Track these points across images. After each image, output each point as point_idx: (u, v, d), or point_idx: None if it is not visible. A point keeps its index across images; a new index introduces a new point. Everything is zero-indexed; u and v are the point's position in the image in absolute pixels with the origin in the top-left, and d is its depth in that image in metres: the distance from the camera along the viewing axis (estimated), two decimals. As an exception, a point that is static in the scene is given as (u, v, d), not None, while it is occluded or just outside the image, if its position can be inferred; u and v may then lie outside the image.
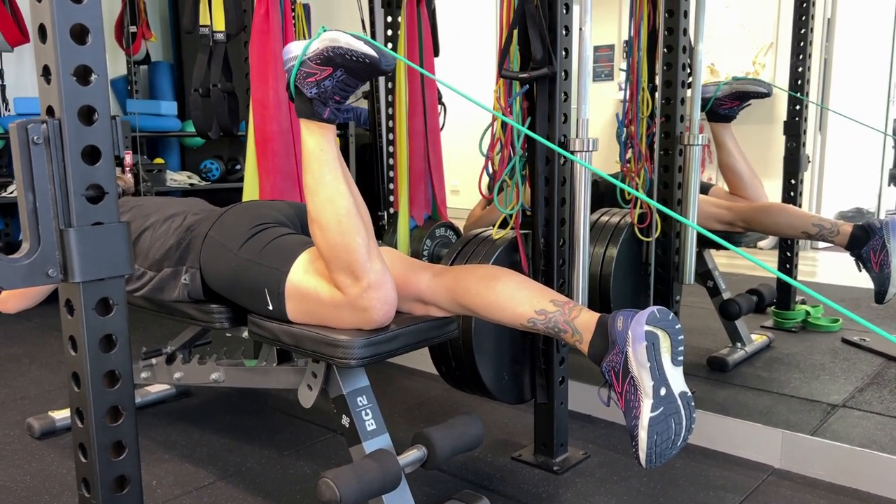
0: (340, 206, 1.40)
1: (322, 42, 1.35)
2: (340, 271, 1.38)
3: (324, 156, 1.41)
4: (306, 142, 1.43)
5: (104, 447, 1.05)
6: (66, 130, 0.97)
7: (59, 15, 0.95)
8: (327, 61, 1.34)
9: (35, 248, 0.97)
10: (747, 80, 2.70)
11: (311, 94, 1.37)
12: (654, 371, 1.22)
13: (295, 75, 1.38)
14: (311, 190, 1.43)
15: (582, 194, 1.82)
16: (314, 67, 1.36)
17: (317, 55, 1.35)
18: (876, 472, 1.78)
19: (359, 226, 1.40)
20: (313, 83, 1.36)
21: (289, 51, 1.41)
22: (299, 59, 1.37)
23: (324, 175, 1.41)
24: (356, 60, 1.32)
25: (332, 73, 1.35)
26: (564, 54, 1.79)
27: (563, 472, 1.89)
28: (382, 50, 1.33)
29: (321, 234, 1.41)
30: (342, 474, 1.35)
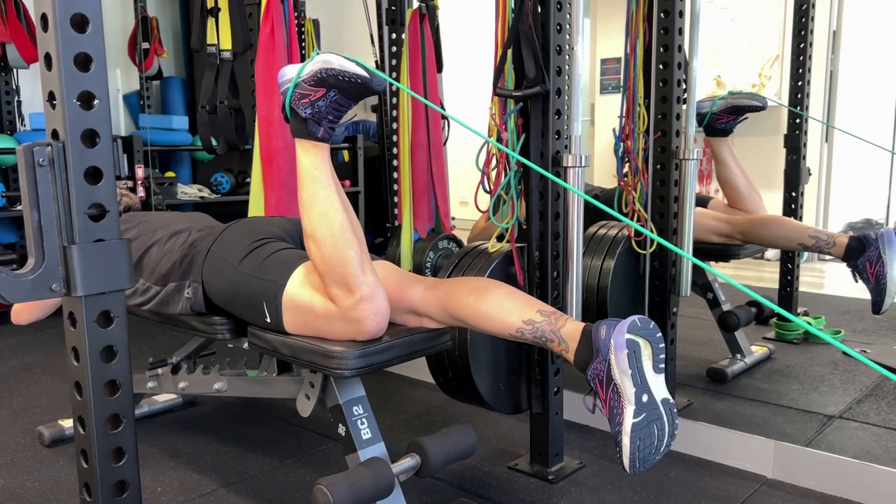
0: (335, 220, 1.45)
1: (315, 64, 1.41)
2: (334, 284, 1.43)
3: (318, 173, 1.47)
4: (301, 160, 1.49)
5: (105, 453, 1.10)
6: (69, 153, 1.02)
7: (63, 44, 1.01)
8: (320, 82, 1.40)
9: (40, 264, 1.02)
10: (742, 95, 2.73)
11: (305, 114, 1.43)
12: (636, 378, 1.26)
13: (290, 97, 1.43)
14: (306, 206, 1.48)
15: (575, 209, 1.86)
16: (308, 89, 1.41)
17: (311, 77, 1.41)
18: (868, 482, 1.80)
19: (352, 240, 1.45)
20: (308, 104, 1.42)
21: (284, 74, 1.47)
22: (294, 82, 1.43)
23: (318, 192, 1.46)
24: (348, 81, 1.38)
25: (325, 94, 1.41)
26: (557, 72, 1.84)
27: (557, 482, 1.92)
28: (373, 71, 1.39)
29: (316, 248, 1.46)
30: (336, 482, 1.40)
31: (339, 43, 5.66)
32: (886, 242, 2.41)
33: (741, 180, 2.83)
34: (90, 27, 1.04)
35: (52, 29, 1.01)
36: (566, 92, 1.87)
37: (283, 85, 1.46)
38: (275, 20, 2.41)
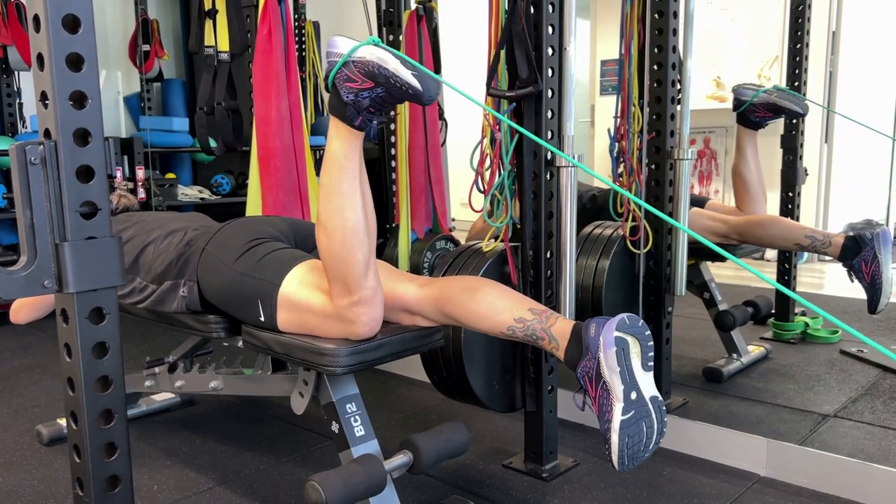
0: (349, 219, 1.40)
1: (370, 55, 1.33)
2: (336, 280, 1.44)
3: (347, 163, 1.40)
4: (332, 144, 1.40)
5: (97, 448, 1.11)
6: (61, 151, 1.04)
7: (55, 44, 1.03)
8: (370, 76, 1.32)
9: (32, 261, 1.04)
10: (787, 95, 2.66)
11: (346, 98, 1.35)
12: (625, 376, 1.27)
13: (335, 73, 1.36)
14: (325, 192, 1.42)
15: (568, 208, 1.87)
16: (356, 75, 1.33)
17: (362, 64, 1.33)
18: (859, 480, 1.81)
19: (362, 242, 1.41)
20: (352, 89, 1.34)
21: (335, 44, 1.37)
22: (343, 59, 1.35)
23: (342, 183, 1.40)
24: (398, 87, 1.31)
25: (371, 88, 1.33)
26: (550, 73, 1.85)
27: (551, 479, 1.93)
28: (428, 82, 1.31)
29: (325, 241, 1.42)
30: (328, 478, 1.41)
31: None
32: (882, 242, 2.42)
33: (755, 178, 2.82)
34: (82, 28, 1.05)
35: (44, 29, 1.02)
36: (559, 92, 1.88)
37: (330, 55, 1.37)
38: (272, 22, 2.43)
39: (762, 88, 2.69)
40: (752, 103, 2.69)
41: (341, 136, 1.39)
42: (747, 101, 2.70)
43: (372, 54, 1.33)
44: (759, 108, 2.70)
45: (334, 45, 1.38)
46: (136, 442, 2.20)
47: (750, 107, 2.70)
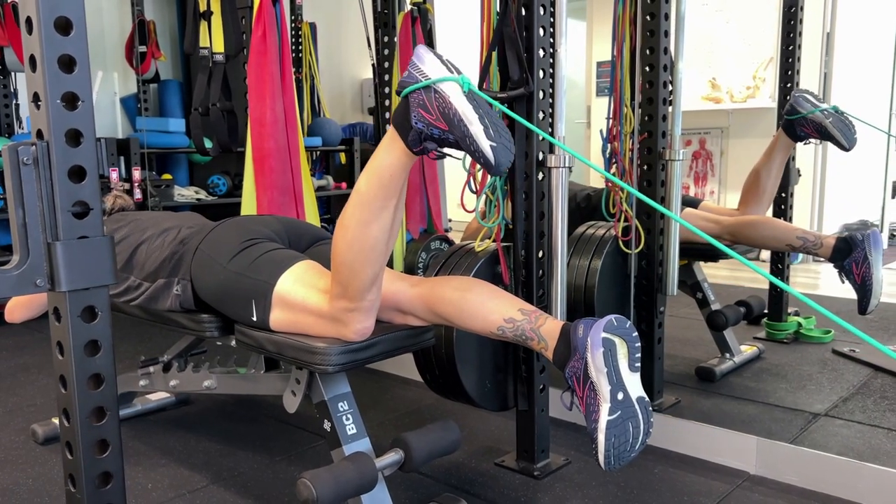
0: (371, 235, 1.37)
1: (457, 102, 1.25)
2: (338, 282, 1.44)
3: (390, 181, 1.34)
4: (382, 155, 1.35)
5: (89, 445, 1.13)
6: (53, 152, 1.05)
7: (47, 46, 1.04)
8: (447, 121, 1.25)
9: (24, 260, 1.05)
10: (840, 124, 2.56)
11: (415, 124, 1.29)
12: (612, 376, 1.29)
13: (413, 89, 1.29)
14: (358, 199, 1.37)
15: (559, 209, 1.89)
16: (433, 109, 1.26)
17: (444, 104, 1.25)
18: (847, 478, 1.83)
19: (376, 260, 1.39)
20: (424, 119, 1.28)
21: (421, 59, 1.30)
22: (426, 83, 1.27)
23: (378, 198, 1.35)
24: (471, 149, 1.25)
25: (443, 132, 1.27)
26: (542, 75, 1.87)
27: (543, 478, 1.95)
28: (502, 157, 1.25)
29: (342, 245, 1.39)
30: (320, 475, 1.43)
31: (336, 46, 5.70)
32: (872, 244, 2.43)
33: (770, 186, 2.82)
34: (74, 30, 1.06)
35: (37, 31, 1.04)
36: (550, 93, 1.89)
37: (414, 67, 1.30)
38: (266, 24, 2.45)
39: (821, 107, 2.59)
40: (805, 116, 2.60)
41: (394, 152, 1.34)
42: (801, 113, 2.60)
43: (458, 102, 1.25)
44: (808, 124, 2.61)
45: (421, 59, 1.31)
46: (131, 441, 2.21)
47: (800, 119, 2.62)
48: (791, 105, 2.67)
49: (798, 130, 2.67)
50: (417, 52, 1.32)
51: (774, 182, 2.84)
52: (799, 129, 2.66)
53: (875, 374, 2.69)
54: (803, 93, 2.67)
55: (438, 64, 1.30)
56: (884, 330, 3.30)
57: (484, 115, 1.25)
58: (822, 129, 2.60)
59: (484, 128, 1.24)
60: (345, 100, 5.90)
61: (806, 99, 2.63)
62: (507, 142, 1.26)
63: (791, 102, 2.67)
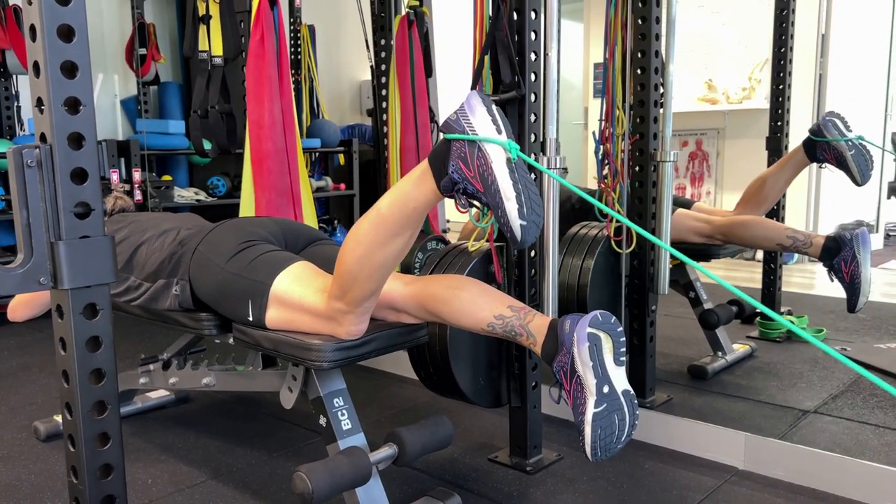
0: (381, 256, 1.39)
1: (499, 172, 1.24)
2: (339, 285, 1.46)
3: (412, 212, 1.36)
4: (410, 186, 1.35)
5: (91, 438, 1.17)
6: (56, 155, 1.09)
7: (50, 53, 1.08)
8: (484, 185, 1.25)
9: (28, 259, 1.09)
10: (862, 159, 2.61)
11: (451, 171, 1.28)
12: (597, 370, 1.33)
13: (458, 137, 1.27)
14: (378, 219, 1.38)
15: (551, 209, 1.93)
16: (473, 167, 1.25)
17: (485, 168, 1.25)
18: (832, 473, 1.87)
19: (381, 278, 1.43)
20: (461, 172, 1.27)
21: (472, 107, 1.28)
22: (472, 138, 1.26)
23: (397, 223, 1.37)
24: (500, 219, 1.26)
25: (478, 191, 1.27)
26: (534, 78, 1.91)
27: (535, 473, 1.99)
28: (529, 236, 1.26)
29: (351, 255, 1.41)
30: (315, 469, 1.46)
31: (335, 48, 5.74)
32: (861, 243, 2.47)
33: (773, 195, 2.86)
34: (76, 37, 1.10)
35: (40, 39, 1.08)
36: (542, 96, 1.93)
37: (463, 115, 1.28)
38: (264, 27, 2.48)
39: (848, 136, 2.61)
40: (828, 142, 2.62)
41: (423, 187, 1.33)
42: (826, 138, 2.62)
43: (499, 171, 1.23)
44: (829, 151, 2.64)
45: (472, 109, 1.29)
46: (132, 437, 2.25)
47: (824, 143, 2.64)
48: (818, 126, 2.66)
49: (818, 153, 2.69)
50: (470, 100, 1.29)
51: (778, 194, 2.88)
52: (820, 152, 2.68)
53: (865, 372, 2.73)
54: (834, 117, 2.66)
55: (488, 121, 1.27)
56: (875, 329, 3.34)
57: (522, 190, 1.24)
58: (842, 159, 2.62)
59: (519, 207, 1.24)
60: (343, 101, 5.94)
61: (835, 125, 2.64)
62: (537, 218, 1.26)
63: (819, 124, 2.67)
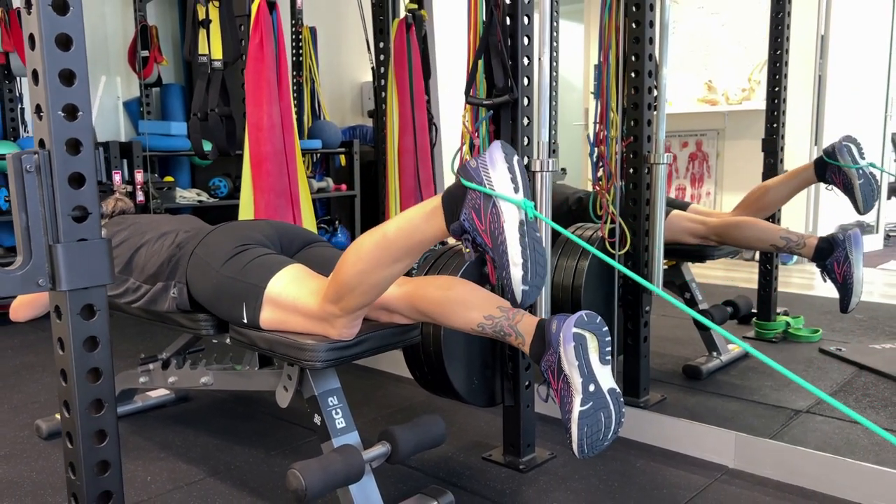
0: (380, 275, 1.43)
1: (509, 233, 1.25)
2: (335, 289, 1.49)
3: (418, 245, 1.39)
4: (420, 220, 1.36)
5: (88, 435, 1.20)
6: (55, 160, 1.12)
7: (49, 61, 1.12)
8: (493, 242, 1.26)
9: (27, 261, 1.12)
10: (869, 190, 2.67)
11: (462, 219, 1.30)
12: (583, 369, 1.36)
13: (473, 186, 1.29)
14: (383, 242, 1.40)
15: (544, 211, 1.95)
16: (485, 220, 1.27)
17: (497, 226, 1.26)
18: (820, 471, 1.89)
19: (377, 294, 1.48)
20: (471, 222, 1.29)
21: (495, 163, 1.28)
22: (488, 192, 1.27)
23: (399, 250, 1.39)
24: (501, 279, 1.28)
25: (487, 246, 1.29)
26: (526, 82, 1.94)
27: (528, 471, 2.02)
28: (528, 299, 1.29)
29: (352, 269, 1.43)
30: (308, 466, 1.49)
31: (336, 50, 5.78)
32: (853, 243, 2.50)
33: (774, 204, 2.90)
34: (74, 46, 1.13)
35: (39, 47, 1.11)
36: (535, 100, 1.96)
37: (483, 165, 1.29)
38: (263, 32, 2.52)
39: (860, 164, 2.65)
40: (840, 166, 2.65)
41: (432, 223, 1.35)
42: (837, 162, 2.66)
43: (510, 232, 1.25)
44: (839, 175, 2.68)
45: (493, 161, 1.29)
46: (132, 436, 2.29)
47: (835, 166, 2.67)
48: (833, 149, 2.69)
49: (828, 175, 2.73)
50: (492, 152, 1.30)
51: (779, 204, 2.92)
52: (829, 174, 2.72)
53: (859, 373, 2.75)
54: (850, 143, 2.69)
55: (507, 178, 1.28)
56: (871, 329, 3.36)
57: (530, 256, 1.26)
58: (849, 186, 2.66)
59: (524, 273, 1.26)
60: (345, 103, 5.97)
61: (850, 150, 2.67)
62: (540, 281, 1.28)
63: (835, 146, 2.69)
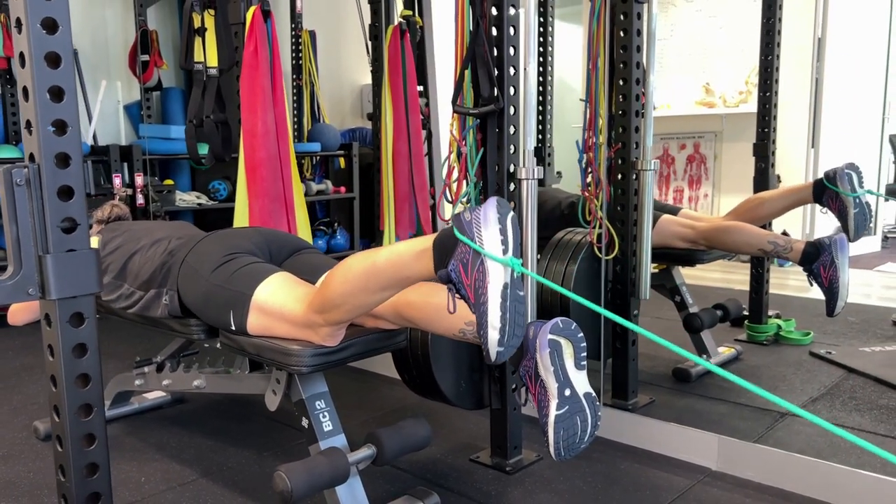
0: (365, 300, 1.48)
1: (492, 294, 1.28)
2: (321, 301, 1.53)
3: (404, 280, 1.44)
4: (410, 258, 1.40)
5: (77, 438, 1.24)
6: (44, 174, 1.17)
7: (38, 78, 1.16)
8: (476, 298, 1.30)
9: (18, 271, 1.17)
10: (862, 219, 2.69)
11: (450, 269, 1.33)
12: (559, 374, 1.40)
13: (465, 240, 1.32)
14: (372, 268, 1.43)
15: (529, 217, 1.99)
16: (471, 275, 1.31)
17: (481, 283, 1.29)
18: (801, 474, 1.93)
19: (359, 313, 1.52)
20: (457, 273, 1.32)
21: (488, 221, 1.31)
22: (477, 249, 1.30)
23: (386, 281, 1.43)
24: (480, 339, 1.32)
25: (469, 301, 1.34)
26: (512, 91, 1.98)
27: (514, 473, 2.06)
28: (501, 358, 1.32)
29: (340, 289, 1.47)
30: (294, 468, 1.54)
31: (335, 52, 5.82)
32: (839, 248, 2.53)
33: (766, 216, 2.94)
34: (63, 63, 1.18)
35: (29, 64, 1.15)
36: (521, 109, 1.99)
37: (476, 220, 1.32)
38: (258, 39, 2.56)
39: (858, 193, 2.69)
40: (840, 192, 2.69)
41: (422, 263, 1.38)
42: (836, 188, 2.70)
43: (492, 294, 1.28)
44: (836, 201, 2.71)
45: (486, 219, 1.31)
46: (127, 437, 2.33)
47: (831, 189, 2.71)
48: (835, 174, 2.72)
49: (825, 198, 2.76)
50: (486, 210, 1.32)
51: (771, 217, 2.97)
52: (826, 198, 2.75)
53: (848, 376, 2.78)
54: (852, 171, 2.72)
55: (497, 239, 1.30)
56: (863, 332, 3.38)
57: (509, 320, 1.29)
58: (844, 213, 2.69)
59: (501, 336, 1.29)
60: (344, 105, 6.02)
61: (850, 179, 2.70)
62: (516, 341, 1.32)
63: (837, 172, 2.72)
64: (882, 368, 2.81)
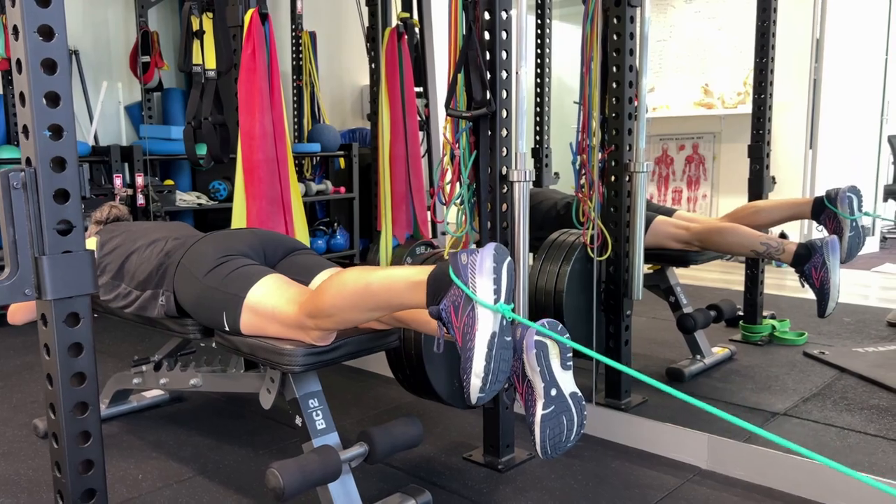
0: (355, 317, 1.54)
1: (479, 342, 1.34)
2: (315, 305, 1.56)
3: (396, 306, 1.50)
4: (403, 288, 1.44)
5: (73, 436, 1.27)
6: (40, 177, 1.20)
7: (35, 84, 1.19)
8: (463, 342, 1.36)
9: (14, 272, 1.20)
10: (856, 241, 2.73)
11: (441, 308, 1.39)
12: (545, 374, 1.42)
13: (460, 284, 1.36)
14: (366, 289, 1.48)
15: (521, 218, 2.02)
16: (461, 319, 1.36)
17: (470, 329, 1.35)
18: (789, 472, 1.95)
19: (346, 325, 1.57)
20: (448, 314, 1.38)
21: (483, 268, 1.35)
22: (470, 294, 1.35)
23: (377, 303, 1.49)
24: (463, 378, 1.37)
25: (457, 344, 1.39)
26: (505, 95, 2.00)
27: (506, 471, 2.08)
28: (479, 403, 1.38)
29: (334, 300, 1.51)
30: (286, 465, 1.56)
31: (336, 53, 5.85)
32: (830, 250, 2.55)
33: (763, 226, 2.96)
34: (59, 69, 1.20)
35: (26, 71, 1.18)
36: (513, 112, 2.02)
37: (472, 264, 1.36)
38: (256, 42, 2.59)
39: (856, 216, 2.73)
40: (838, 213, 2.73)
41: (414, 295, 1.43)
42: (836, 209, 2.74)
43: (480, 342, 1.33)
44: (834, 221, 2.75)
45: (482, 266, 1.36)
46: (126, 435, 2.37)
47: (830, 209, 2.75)
48: (837, 195, 2.75)
49: (822, 217, 2.79)
50: (483, 257, 1.36)
51: (766, 227, 2.98)
52: (824, 217, 2.78)
53: (840, 376, 2.80)
54: (853, 194, 2.75)
55: (490, 288, 1.35)
56: (857, 332, 3.41)
57: (492, 370, 1.34)
58: (840, 234, 2.72)
59: (482, 384, 1.35)
60: (345, 106, 6.05)
61: (851, 202, 2.74)
62: (496, 388, 1.37)
63: (839, 193, 2.75)
64: (874, 369, 2.83)
